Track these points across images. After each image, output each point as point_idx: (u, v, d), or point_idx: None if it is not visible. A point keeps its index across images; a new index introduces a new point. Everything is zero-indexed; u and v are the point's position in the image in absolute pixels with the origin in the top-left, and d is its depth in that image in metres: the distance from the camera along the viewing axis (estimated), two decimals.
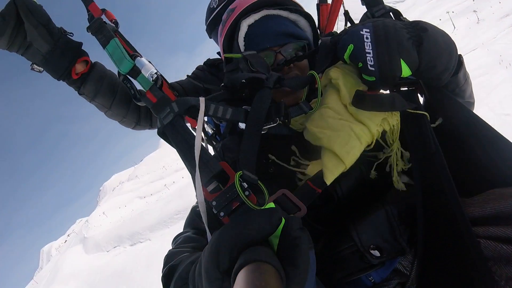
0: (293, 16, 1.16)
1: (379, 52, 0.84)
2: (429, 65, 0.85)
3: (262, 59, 1.04)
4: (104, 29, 1.15)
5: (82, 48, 1.29)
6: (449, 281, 0.83)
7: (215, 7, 2.00)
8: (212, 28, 2.07)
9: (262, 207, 0.72)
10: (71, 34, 1.26)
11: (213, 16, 2.00)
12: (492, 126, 0.90)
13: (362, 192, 1.01)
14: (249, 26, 1.14)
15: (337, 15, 1.21)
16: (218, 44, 2.05)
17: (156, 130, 1.00)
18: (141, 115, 1.54)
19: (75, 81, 1.29)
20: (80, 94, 1.34)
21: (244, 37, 1.15)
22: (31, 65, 1.23)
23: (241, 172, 0.79)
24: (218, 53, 2.00)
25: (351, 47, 0.90)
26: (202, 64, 2.02)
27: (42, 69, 1.24)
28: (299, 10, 1.16)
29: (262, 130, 0.90)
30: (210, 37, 2.15)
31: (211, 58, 2.01)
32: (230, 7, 1.23)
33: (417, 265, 0.91)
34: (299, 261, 0.53)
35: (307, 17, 1.18)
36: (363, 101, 0.87)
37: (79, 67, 1.28)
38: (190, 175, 0.85)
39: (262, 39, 1.11)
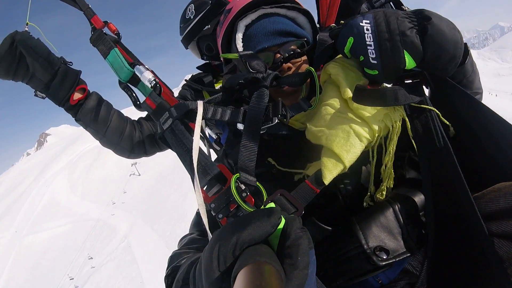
0: (291, 14, 1.12)
1: (381, 44, 0.81)
2: (434, 56, 0.81)
3: (259, 59, 1.02)
4: (104, 40, 1.20)
5: (81, 76, 1.37)
6: (462, 281, 0.80)
7: (191, 17, 1.91)
8: (188, 40, 1.98)
9: (262, 207, 0.72)
10: (71, 63, 1.36)
11: (190, 28, 1.92)
12: (504, 118, 0.86)
13: (367, 190, 0.98)
14: (246, 26, 1.11)
15: (337, 8, 1.17)
16: (194, 54, 2.03)
17: None
18: (134, 143, 1.59)
19: (72, 107, 1.38)
20: (76, 120, 1.42)
21: (242, 38, 1.12)
22: (34, 92, 1.34)
23: (238, 175, 0.79)
24: (198, 67, 2.02)
25: (351, 40, 0.87)
26: (188, 81, 2.00)
27: (45, 96, 1.34)
28: (297, 7, 1.12)
29: (261, 130, 0.89)
30: (187, 49, 2.07)
31: (194, 74, 2.01)
32: (227, 8, 1.19)
33: (428, 265, 0.89)
34: (299, 261, 0.53)
35: (306, 13, 1.14)
36: (364, 96, 0.84)
37: (77, 95, 1.37)
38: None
39: (260, 39, 1.07)
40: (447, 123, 0.89)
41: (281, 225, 0.59)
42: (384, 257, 0.85)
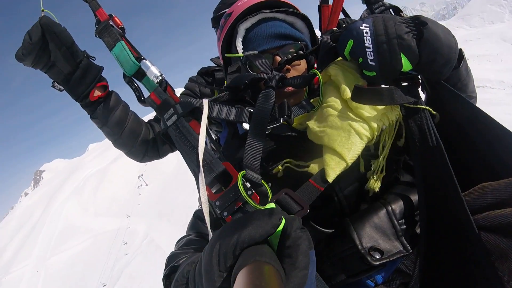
0: (289, 18, 1.15)
1: (379, 47, 0.84)
2: (429, 59, 0.85)
3: (264, 58, 1.04)
4: (111, 32, 1.18)
5: (102, 74, 1.32)
6: (454, 278, 0.82)
7: None
8: (219, 20, 1.93)
9: (263, 207, 0.73)
10: (94, 58, 1.31)
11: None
12: (497, 120, 0.88)
13: (362, 192, 1.00)
14: (246, 29, 1.13)
15: (338, 15, 1.20)
16: (216, 34, 1.94)
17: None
18: (148, 146, 1.57)
19: (91, 103, 1.33)
20: (92, 118, 1.38)
21: (242, 41, 1.14)
22: (52, 83, 1.28)
23: (244, 172, 0.80)
24: (212, 60, 1.98)
25: (350, 42, 0.90)
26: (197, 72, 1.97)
27: (63, 88, 1.28)
28: (295, 12, 1.15)
29: (266, 130, 0.91)
30: (213, 27, 2.05)
31: (204, 66, 1.97)
32: (227, 11, 1.22)
33: (420, 264, 0.91)
34: (299, 261, 0.54)
35: (304, 18, 1.17)
36: (362, 94, 0.87)
37: (97, 92, 1.32)
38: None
39: (260, 41, 1.10)
40: (434, 112, 0.91)
41: (281, 225, 0.59)
42: (378, 257, 0.87)
